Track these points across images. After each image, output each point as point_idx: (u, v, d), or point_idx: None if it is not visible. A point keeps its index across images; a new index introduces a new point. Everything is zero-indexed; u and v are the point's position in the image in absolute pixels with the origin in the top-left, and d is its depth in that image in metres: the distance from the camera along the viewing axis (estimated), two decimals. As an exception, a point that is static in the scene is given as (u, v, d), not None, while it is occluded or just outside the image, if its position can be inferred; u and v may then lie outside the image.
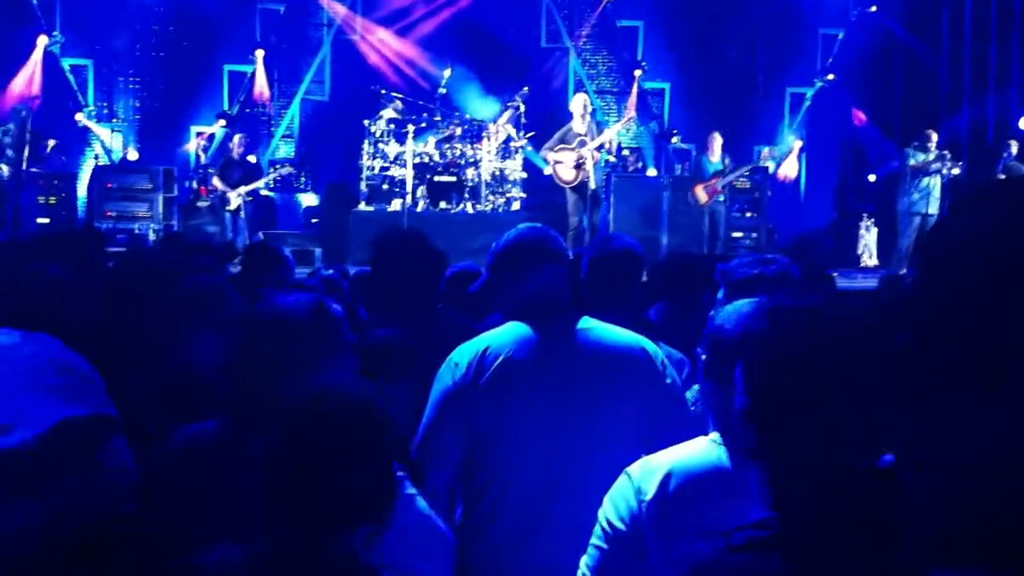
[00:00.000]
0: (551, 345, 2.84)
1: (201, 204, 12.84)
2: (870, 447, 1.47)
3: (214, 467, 2.14)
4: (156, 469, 2.28)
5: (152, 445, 2.33)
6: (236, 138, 12.93)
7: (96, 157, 14.13)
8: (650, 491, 2.02)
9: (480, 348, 2.85)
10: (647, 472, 2.06)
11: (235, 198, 12.37)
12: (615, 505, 2.07)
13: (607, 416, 2.78)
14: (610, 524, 2.08)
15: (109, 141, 14.35)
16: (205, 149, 13.63)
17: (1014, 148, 12.42)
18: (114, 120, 14.81)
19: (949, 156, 11.87)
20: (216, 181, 12.48)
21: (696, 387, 2.75)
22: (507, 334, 2.89)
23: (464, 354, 2.85)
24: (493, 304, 3.22)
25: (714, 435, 2.09)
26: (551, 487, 2.74)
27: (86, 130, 14.35)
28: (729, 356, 1.93)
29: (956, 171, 11.94)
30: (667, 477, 2.02)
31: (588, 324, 2.90)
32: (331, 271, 5.70)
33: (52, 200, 12.25)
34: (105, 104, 14.88)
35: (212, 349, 2.49)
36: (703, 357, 2.03)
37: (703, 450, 2.05)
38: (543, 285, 2.91)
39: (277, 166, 13.44)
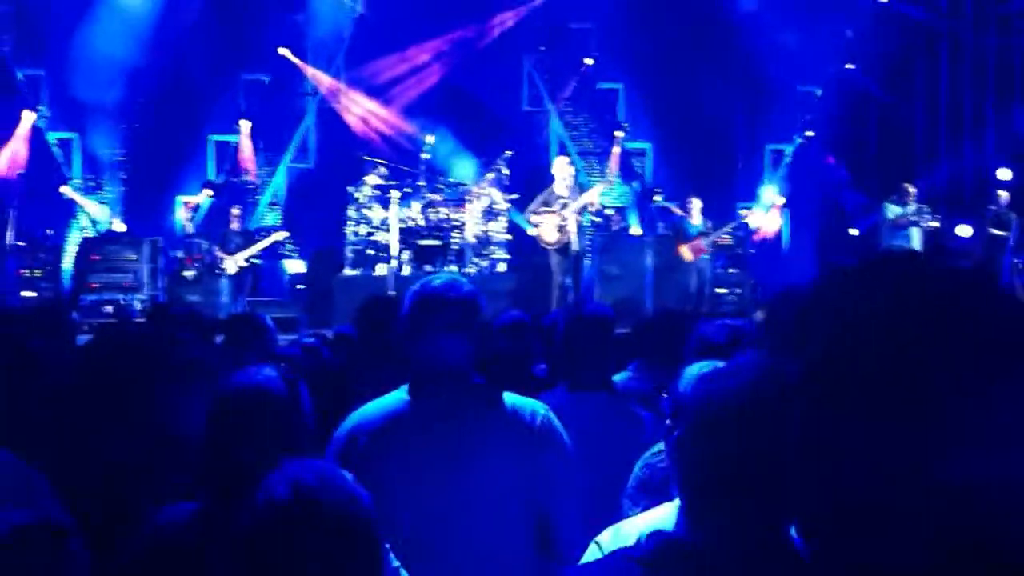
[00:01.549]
0: (430, 414, 2.78)
1: (187, 274, 12.89)
2: (773, 512, 1.53)
3: (192, 555, 2.14)
4: (134, 555, 2.28)
5: (130, 525, 2.34)
6: (234, 210, 13.08)
7: (83, 229, 14.19)
8: (619, 558, 2.03)
9: (351, 425, 2.82)
10: (617, 539, 2.07)
11: (234, 265, 12.49)
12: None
13: (490, 481, 2.72)
14: (580, 595, 2.08)
15: (96, 213, 14.43)
16: (191, 219, 13.72)
17: (1003, 198, 12.47)
18: (100, 192, 14.89)
19: (927, 209, 12.02)
20: (218, 250, 12.61)
21: (661, 445, 2.76)
22: (382, 405, 2.85)
23: (340, 432, 2.82)
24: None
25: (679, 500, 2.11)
26: (439, 560, 2.61)
27: (72, 202, 14.42)
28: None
29: (935, 223, 12.09)
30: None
31: (477, 390, 2.85)
32: (312, 339, 5.72)
33: (37, 273, 12.29)
34: (91, 177, 14.97)
35: (193, 420, 2.50)
36: (667, 421, 2.06)
37: (672, 515, 2.07)
38: (432, 352, 2.79)
39: (272, 232, 13.51)
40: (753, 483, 1.53)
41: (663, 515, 2.08)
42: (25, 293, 12.15)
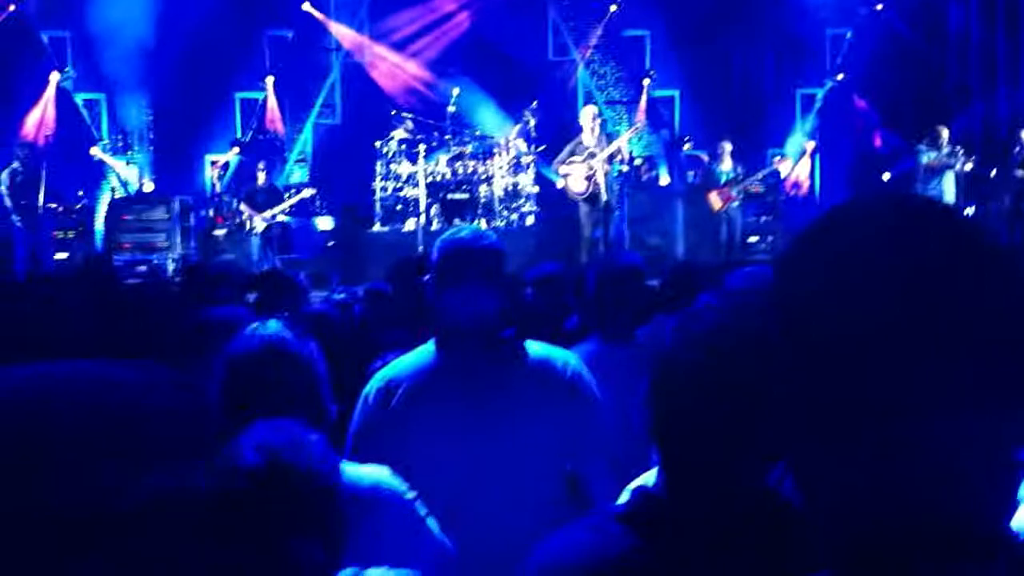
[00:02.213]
0: (458, 369, 2.78)
1: (218, 232, 12.94)
2: (766, 463, 1.50)
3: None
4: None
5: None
6: (260, 165, 13.08)
7: (113, 190, 14.27)
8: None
9: (385, 380, 2.81)
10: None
11: (261, 222, 12.52)
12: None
13: (520, 435, 2.72)
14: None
15: (125, 174, 14.49)
16: (220, 177, 13.75)
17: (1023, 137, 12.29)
18: (129, 152, 14.95)
19: (961, 151, 11.83)
20: (244, 207, 12.62)
21: None
22: (413, 360, 2.85)
23: (371, 387, 2.82)
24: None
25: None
26: (469, 515, 2.60)
27: (102, 164, 14.50)
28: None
29: (969, 166, 11.90)
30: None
31: (506, 342, 2.84)
32: (343, 295, 5.75)
33: (70, 234, 12.38)
34: (120, 137, 15.03)
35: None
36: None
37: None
38: (461, 306, 2.80)
39: (294, 190, 13.52)
40: (722, 431, 1.51)
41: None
42: (59, 255, 12.26)
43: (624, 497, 2.05)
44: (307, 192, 13.45)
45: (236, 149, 14.16)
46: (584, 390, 2.87)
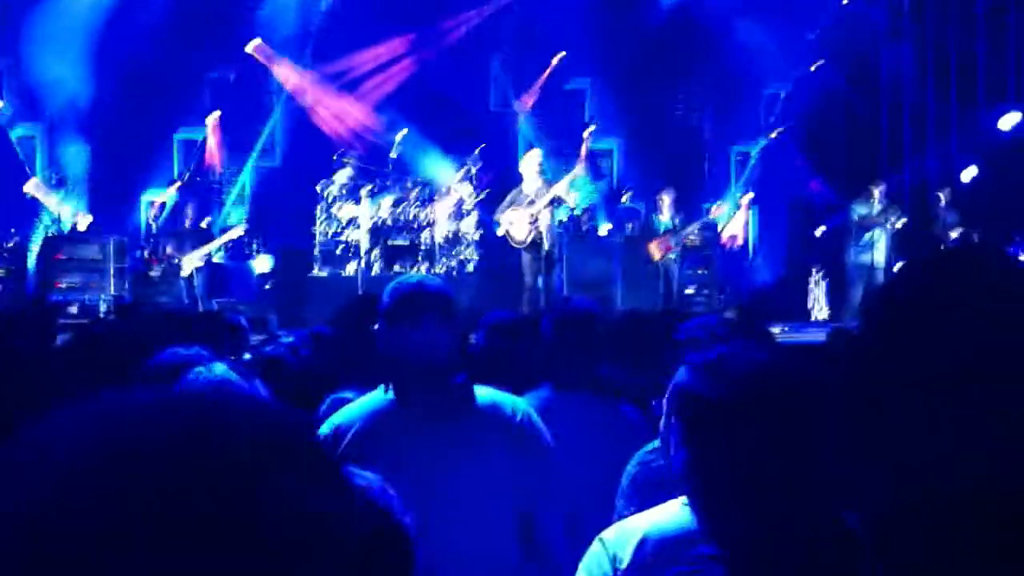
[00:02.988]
0: (409, 413, 2.79)
1: (153, 273, 12.75)
2: (820, 496, 1.53)
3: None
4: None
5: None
6: (188, 207, 12.91)
7: (47, 228, 14.01)
8: (626, 558, 2.03)
9: (333, 426, 2.82)
10: (621, 538, 2.07)
11: (188, 264, 12.32)
12: (590, 572, 2.09)
13: (472, 479, 2.74)
14: (586, 592, 2.09)
15: (59, 211, 14.23)
16: (156, 218, 13.58)
17: (944, 196, 12.66)
18: (64, 189, 14.70)
19: (892, 209, 12.15)
20: (171, 249, 12.44)
21: (655, 443, 2.77)
22: (363, 406, 2.85)
23: (320, 433, 2.81)
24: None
25: (684, 498, 2.12)
26: (422, 559, 2.58)
27: (36, 201, 14.23)
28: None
29: (900, 224, 12.22)
30: (642, 543, 2.04)
31: (458, 387, 2.85)
32: (291, 337, 5.71)
33: (2, 272, 12.12)
34: (55, 173, 14.78)
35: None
36: (671, 419, 2.07)
37: (676, 513, 2.07)
38: (414, 349, 2.80)
39: (227, 230, 13.37)
40: (776, 471, 1.54)
41: (668, 513, 2.09)
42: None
43: (611, 543, 2.06)
44: (235, 232, 13.29)
45: (174, 189, 14.00)
46: (535, 434, 2.88)
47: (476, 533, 2.72)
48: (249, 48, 15.21)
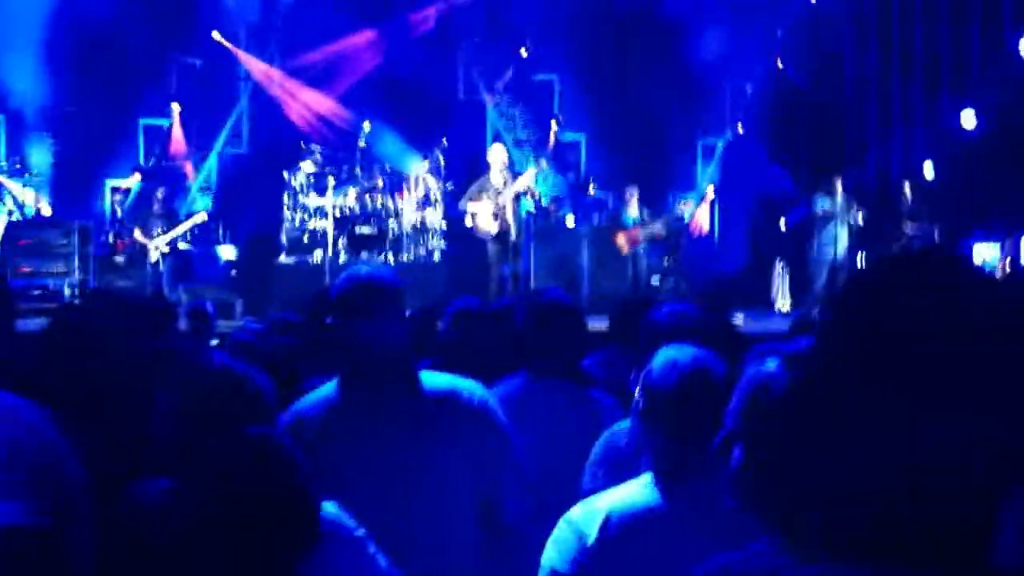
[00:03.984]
0: (365, 403, 2.81)
1: (118, 259, 12.68)
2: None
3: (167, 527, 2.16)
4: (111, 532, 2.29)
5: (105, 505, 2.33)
6: (158, 192, 12.84)
7: (9, 213, 13.86)
8: (592, 534, 2.10)
9: (295, 415, 2.84)
10: (587, 516, 2.14)
11: (155, 250, 12.27)
12: (558, 550, 2.15)
13: (431, 466, 2.76)
14: (554, 571, 2.15)
15: (22, 196, 14.09)
16: (121, 204, 13.48)
17: (907, 190, 12.80)
18: (26, 175, 14.54)
19: (855, 202, 12.29)
20: (137, 234, 12.36)
21: (623, 423, 2.83)
22: (320, 396, 2.88)
23: (283, 423, 2.82)
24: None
25: (647, 476, 2.19)
26: (386, 546, 2.48)
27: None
28: (663, 406, 2.07)
29: (862, 216, 12.38)
30: (607, 520, 2.11)
31: (411, 375, 2.87)
32: (259, 324, 5.71)
33: (-35, 258, 12.01)
34: (17, 159, 14.62)
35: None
36: (640, 404, 2.14)
37: (639, 492, 2.15)
38: (363, 341, 2.81)
39: (192, 215, 13.28)
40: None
41: (631, 491, 2.16)
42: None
43: (577, 520, 2.13)
44: (199, 217, 13.22)
45: (138, 176, 13.91)
46: (492, 418, 2.89)
47: (435, 521, 2.75)
48: (216, 35, 15.12)
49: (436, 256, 13.05)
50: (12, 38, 13.55)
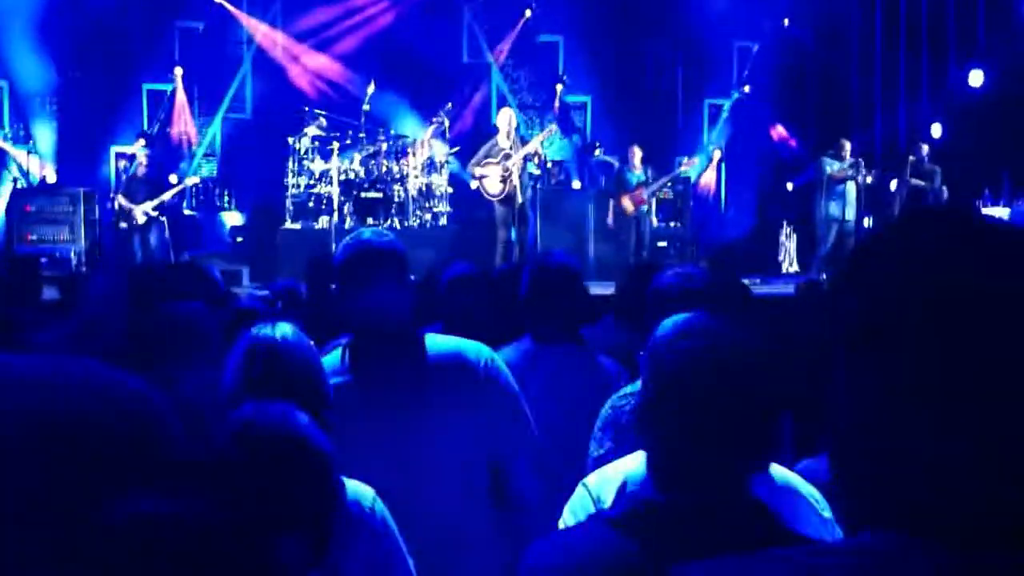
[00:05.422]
0: (371, 370, 2.79)
1: (123, 225, 12.66)
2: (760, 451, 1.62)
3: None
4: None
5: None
6: (140, 155, 12.73)
7: (15, 180, 13.85)
8: (608, 499, 2.10)
9: None
10: (604, 481, 2.14)
11: (140, 215, 12.09)
12: (576, 517, 2.15)
13: (439, 429, 2.73)
14: (572, 536, 2.16)
15: (26, 163, 14.08)
16: (126, 170, 13.43)
17: (924, 150, 12.72)
18: (31, 142, 14.52)
19: (863, 164, 12.22)
20: (121, 199, 12.21)
21: (629, 387, 2.80)
22: (327, 364, 2.83)
23: None
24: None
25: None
26: (397, 510, 2.47)
27: (2, 153, 14.06)
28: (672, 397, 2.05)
29: (870, 179, 12.31)
30: (623, 486, 2.11)
31: (417, 341, 2.85)
32: (265, 292, 5.72)
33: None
34: (21, 126, 14.58)
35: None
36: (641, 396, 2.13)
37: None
38: (370, 307, 2.78)
39: (182, 180, 13.13)
40: (716, 439, 1.63)
41: (643, 460, 2.15)
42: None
43: (594, 488, 2.12)
44: (190, 180, 13.13)
45: (142, 141, 13.86)
46: (500, 380, 2.86)
47: (445, 488, 2.73)
48: (218, -2, 15.02)
49: (442, 221, 13.02)
50: (14, 5, 13.47)
